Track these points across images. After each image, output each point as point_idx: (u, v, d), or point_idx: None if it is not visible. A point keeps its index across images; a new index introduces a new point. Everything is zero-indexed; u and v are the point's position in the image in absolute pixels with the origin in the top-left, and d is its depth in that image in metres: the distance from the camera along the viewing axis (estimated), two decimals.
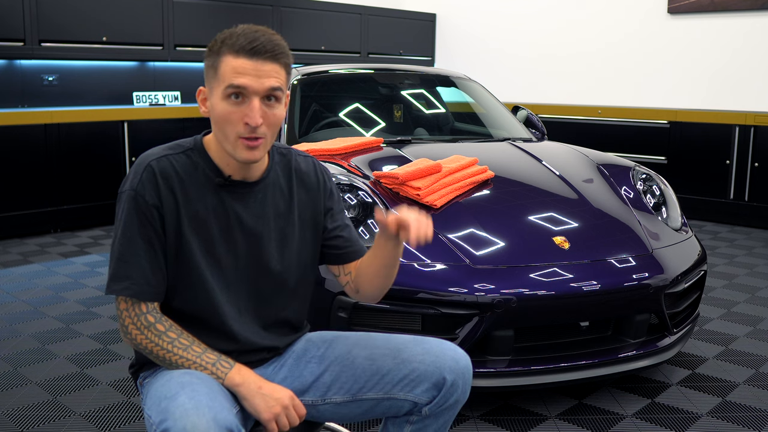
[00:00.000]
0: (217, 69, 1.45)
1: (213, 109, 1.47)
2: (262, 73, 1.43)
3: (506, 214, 2.81)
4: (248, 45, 1.42)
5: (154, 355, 1.46)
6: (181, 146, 1.54)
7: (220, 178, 1.51)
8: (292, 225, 1.60)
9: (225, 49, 1.44)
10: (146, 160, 1.49)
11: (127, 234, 1.44)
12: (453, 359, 1.53)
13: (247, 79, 1.42)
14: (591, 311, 2.53)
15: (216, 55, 1.46)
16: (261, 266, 1.56)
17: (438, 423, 1.57)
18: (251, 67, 1.42)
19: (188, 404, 1.30)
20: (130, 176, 1.48)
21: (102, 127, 5.45)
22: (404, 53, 7.95)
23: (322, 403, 1.57)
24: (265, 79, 1.43)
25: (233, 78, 1.42)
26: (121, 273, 1.44)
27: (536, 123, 4.24)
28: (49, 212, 5.24)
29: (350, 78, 4.17)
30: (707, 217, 6.01)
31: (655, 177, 3.27)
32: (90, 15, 5.46)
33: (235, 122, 1.43)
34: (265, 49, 1.43)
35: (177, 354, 1.45)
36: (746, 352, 3.15)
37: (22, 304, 3.70)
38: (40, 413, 2.53)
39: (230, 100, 1.43)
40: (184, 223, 1.48)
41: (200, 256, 1.49)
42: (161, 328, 1.45)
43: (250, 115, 1.42)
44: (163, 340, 1.45)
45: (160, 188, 1.46)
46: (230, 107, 1.43)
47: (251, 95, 1.43)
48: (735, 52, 6.14)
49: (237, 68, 1.42)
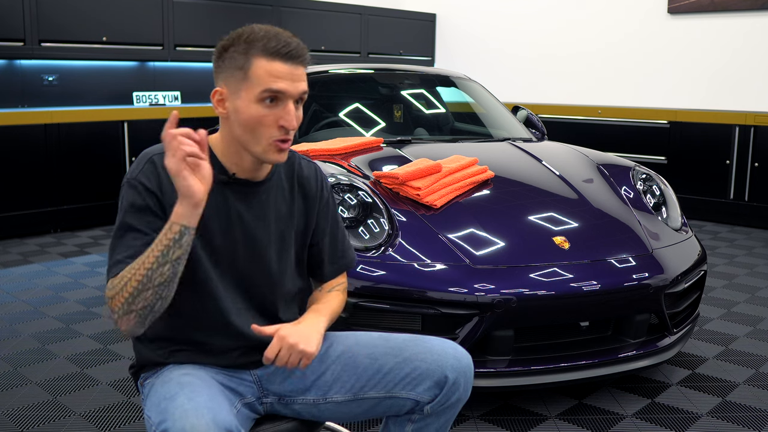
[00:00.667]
0: (247, 71, 1.42)
1: (241, 112, 1.44)
2: (296, 77, 1.43)
3: (506, 214, 2.81)
4: (283, 48, 1.42)
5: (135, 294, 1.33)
6: None
7: (225, 176, 1.50)
8: (291, 228, 1.61)
9: (255, 52, 1.42)
10: (149, 154, 1.49)
11: (126, 221, 1.43)
12: (455, 358, 1.54)
13: (285, 84, 1.42)
14: (591, 311, 2.53)
15: (244, 57, 1.43)
16: (260, 267, 1.56)
17: (439, 422, 1.57)
18: (287, 71, 1.42)
19: (187, 405, 1.30)
20: (132, 167, 1.48)
21: (102, 127, 5.45)
22: (404, 53, 7.95)
23: (323, 402, 1.57)
24: (299, 83, 1.44)
25: (271, 82, 1.41)
26: (122, 259, 1.40)
27: (536, 123, 4.25)
28: (49, 212, 5.24)
29: (350, 78, 4.17)
30: (707, 217, 6.01)
31: (655, 177, 3.27)
32: (90, 15, 5.46)
33: (269, 125, 1.43)
34: (298, 54, 1.43)
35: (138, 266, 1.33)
36: (746, 352, 3.15)
37: (22, 304, 3.70)
38: (40, 413, 2.53)
39: (264, 103, 1.42)
40: None
41: (201, 251, 1.48)
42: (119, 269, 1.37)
43: (286, 118, 1.43)
44: (123, 274, 1.35)
45: (161, 178, 1.45)
46: (264, 110, 1.42)
47: (286, 99, 1.43)
48: (735, 52, 6.14)
49: (273, 72, 1.41)
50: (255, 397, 1.57)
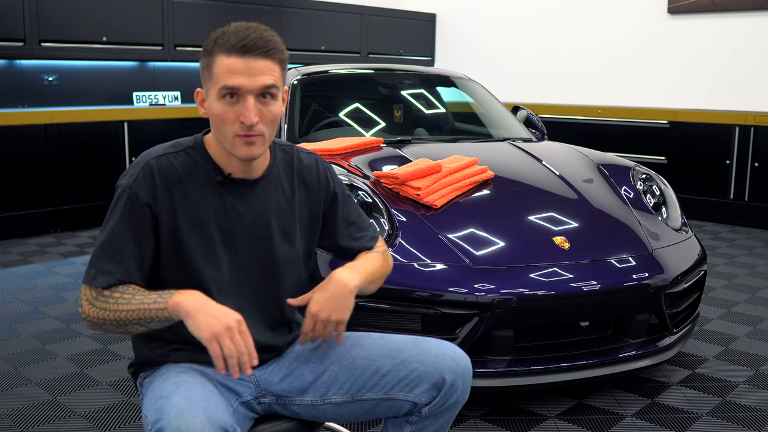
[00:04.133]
0: (211, 70, 1.44)
1: (210, 110, 1.46)
2: (254, 71, 1.41)
3: (506, 214, 2.81)
4: (239, 43, 1.40)
5: (108, 322, 1.41)
6: (182, 145, 1.53)
7: (221, 177, 1.50)
8: (293, 223, 1.60)
9: (217, 49, 1.43)
10: (146, 158, 1.48)
11: (117, 230, 1.43)
12: (453, 360, 1.53)
13: (240, 79, 1.40)
14: (591, 311, 2.53)
15: (209, 56, 1.45)
16: (261, 265, 1.56)
17: (438, 423, 1.56)
18: (243, 65, 1.40)
19: (183, 404, 1.30)
20: (128, 172, 1.48)
21: (102, 127, 5.45)
22: (404, 53, 7.95)
23: (321, 403, 1.57)
24: (258, 77, 1.41)
25: (226, 78, 1.41)
26: (103, 266, 1.42)
27: (536, 123, 4.24)
28: (49, 212, 5.24)
29: (350, 78, 4.17)
30: (707, 217, 6.01)
31: (655, 177, 3.27)
32: (90, 15, 5.46)
33: (231, 122, 1.42)
34: (255, 47, 1.41)
35: (123, 310, 1.38)
36: (746, 352, 3.15)
37: (22, 304, 3.70)
38: (40, 413, 2.53)
39: (225, 100, 1.42)
40: (183, 223, 1.47)
41: (199, 255, 1.48)
42: (107, 293, 1.41)
43: (245, 114, 1.41)
44: (109, 302, 1.40)
45: (156, 187, 1.45)
46: (225, 107, 1.42)
47: (245, 94, 1.41)
48: (735, 52, 6.14)
49: (229, 68, 1.41)
50: (253, 397, 1.57)
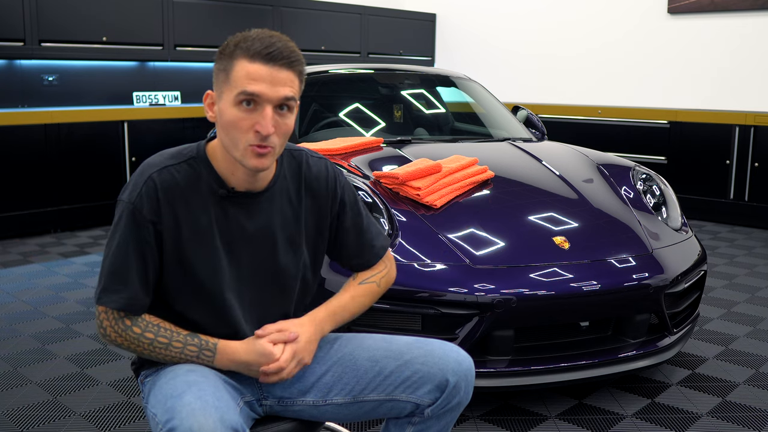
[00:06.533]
0: (229, 73, 1.39)
1: (222, 115, 1.41)
2: (277, 81, 1.37)
3: (506, 214, 2.81)
4: (264, 50, 1.36)
5: (138, 353, 1.47)
6: (184, 155, 1.48)
7: (224, 190, 1.47)
8: (299, 231, 1.58)
9: (239, 53, 1.38)
10: (148, 171, 1.44)
11: (122, 248, 1.42)
12: (456, 361, 1.53)
13: (262, 87, 1.36)
14: (591, 311, 2.53)
15: (228, 59, 1.39)
16: (265, 275, 1.54)
17: (440, 425, 1.56)
18: (266, 73, 1.36)
19: (195, 404, 1.30)
20: (130, 186, 1.44)
21: (102, 127, 5.45)
22: (404, 53, 7.95)
23: (323, 403, 1.57)
24: (280, 88, 1.38)
25: (247, 84, 1.36)
26: (112, 287, 1.42)
27: (536, 123, 4.24)
28: (49, 212, 5.24)
29: (350, 78, 4.17)
30: (707, 217, 6.01)
31: (655, 177, 3.27)
32: (90, 15, 5.45)
33: (245, 130, 1.38)
34: (281, 56, 1.37)
35: (160, 353, 1.46)
36: (746, 352, 3.15)
37: (22, 304, 3.70)
38: (40, 413, 2.53)
39: (241, 106, 1.38)
40: (186, 236, 1.45)
41: (203, 268, 1.46)
42: (137, 331, 1.44)
43: (261, 123, 1.37)
44: (142, 342, 1.44)
45: (160, 203, 1.42)
46: (241, 114, 1.38)
47: (264, 103, 1.37)
48: (735, 52, 6.14)
49: (251, 74, 1.36)
50: (254, 398, 1.56)
